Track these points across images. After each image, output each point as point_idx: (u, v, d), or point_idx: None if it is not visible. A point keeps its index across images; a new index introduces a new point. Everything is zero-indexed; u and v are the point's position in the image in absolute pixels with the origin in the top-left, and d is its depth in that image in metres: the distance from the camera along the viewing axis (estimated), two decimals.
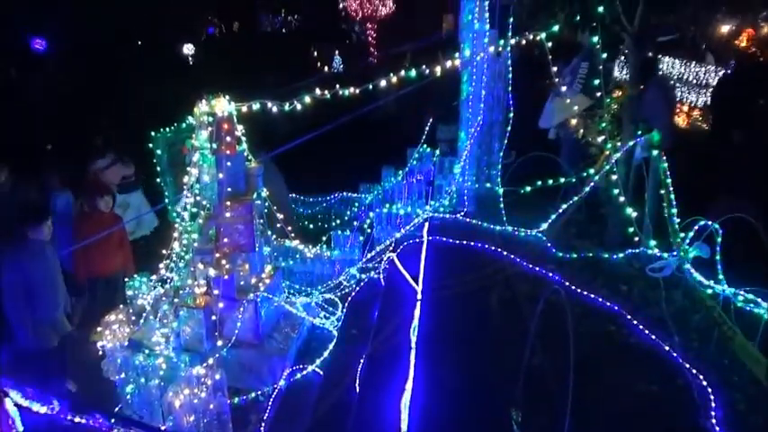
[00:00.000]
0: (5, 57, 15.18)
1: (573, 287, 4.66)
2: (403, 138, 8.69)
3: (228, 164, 4.86)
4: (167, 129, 7.48)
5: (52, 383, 4.99)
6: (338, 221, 7.94)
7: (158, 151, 7.41)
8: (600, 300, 4.58)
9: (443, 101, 8.67)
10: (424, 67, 5.30)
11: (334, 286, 6.08)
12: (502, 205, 6.20)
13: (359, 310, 5.62)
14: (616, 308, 4.48)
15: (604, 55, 5.48)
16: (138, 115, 8.77)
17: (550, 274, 4.94)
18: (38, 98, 13.31)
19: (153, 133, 7.29)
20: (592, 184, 5.48)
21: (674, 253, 4.77)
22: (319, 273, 6.62)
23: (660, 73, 6.45)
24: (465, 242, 5.71)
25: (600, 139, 5.76)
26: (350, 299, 5.82)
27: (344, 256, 6.65)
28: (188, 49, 22.83)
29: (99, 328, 5.10)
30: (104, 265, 6.17)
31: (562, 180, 5.81)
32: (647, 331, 4.13)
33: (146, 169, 7.71)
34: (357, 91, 5.21)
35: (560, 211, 5.63)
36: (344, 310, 5.75)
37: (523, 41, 5.50)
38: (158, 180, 7.59)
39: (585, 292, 4.64)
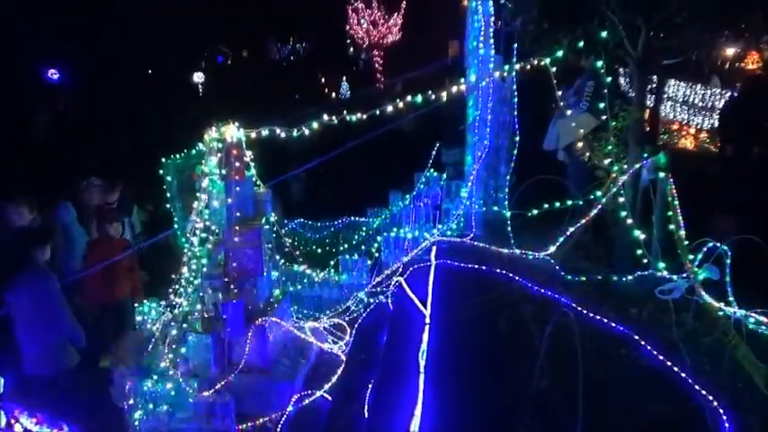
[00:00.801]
0: (20, 87, 15.45)
1: (582, 309, 4.63)
2: (410, 162, 8.76)
3: (237, 189, 4.92)
4: (177, 155, 7.60)
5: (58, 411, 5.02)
6: (346, 246, 7.95)
7: (168, 177, 7.50)
8: (609, 322, 4.55)
9: (449, 125, 8.75)
10: (429, 92, 5.38)
11: (342, 311, 6.07)
12: (509, 228, 6.20)
13: (367, 335, 5.60)
14: (626, 330, 4.44)
15: (609, 79, 5.55)
16: (149, 142, 8.92)
17: (559, 297, 4.92)
18: (52, 126, 13.53)
19: (163, 159, 7.39)
20: (599, 206, 5.48)
21: (684, 275, 4.74)
22: (327, 297, 6.62)
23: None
24: (473, 265, 5.71)
25: (606, 161, 5.78)
26: (358, 323, 5.81)
27: (352, 281, 6.66)
28: (198, 77, 23.23)
29: (108, 354, 5.12)
30: (113, 290, 6.20)
31: (569, 203, 5.81)
32: (657, 354, 4.09)
33: (148, 199, 7.76)
34: (364, 116, 5.30)
35: (568, 233, 5.63)
36: (352, 335, 5.73)
37: (528, 66, 5.57)
38: (168, 206, 7.66)
39: (594, 315, 4.60)
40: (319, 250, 8.00)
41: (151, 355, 5.15)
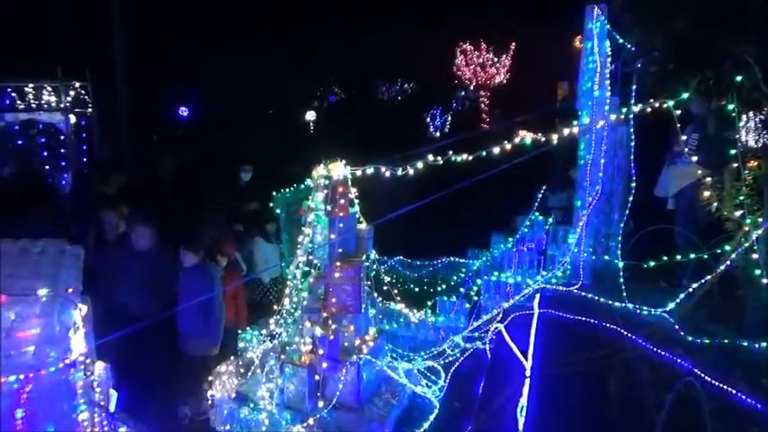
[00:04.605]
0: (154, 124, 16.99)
1: (706, 377, 4.15)
2: (514, 204, 8.53)
3: (341, 225, 5.00)
4: (287, 190, 7.95)
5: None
6: (444, 287, 7.81)
7: (278, 210, 7.85)
8: (739, 394, 4.03)
9: (556, 168, 8.45)
10: (539, 134, 5.21)
11: (437, 354, 5.91)
12: (622, 280, 5.77)
13: (462, 382, 5.40)
14: (759, 405, 3.91)
15: (741, 123, 5.08)
16: (266, 176, 9.39)
17: (679, 361, 4.45)
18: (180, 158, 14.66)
19: (274, 193, 7.77)
20: (728, 262, 4.96)
21: None
22: (423, 339, 6.50)
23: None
24: (580, 318, 5.35)
25: (738, 213, 5.23)
26: (453, 369, 5.61)
27: (449, 323, 6.50)
28: (310, 115, 24.44)
29: (210, 378, 5.31)
30: None
31: (692, 256, 5.31)
32: None
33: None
34: (470, 158, 5.22)
35: (691, 290, 5.13)
36: (447, 380, 5.54)
37: (648, 109, 5.24)
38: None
39: (721, 385, 4.10)
40: (417, 289, 7.92)
41: (250, 382, 5.29)
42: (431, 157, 5.03)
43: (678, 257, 5.45)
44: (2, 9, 14.30)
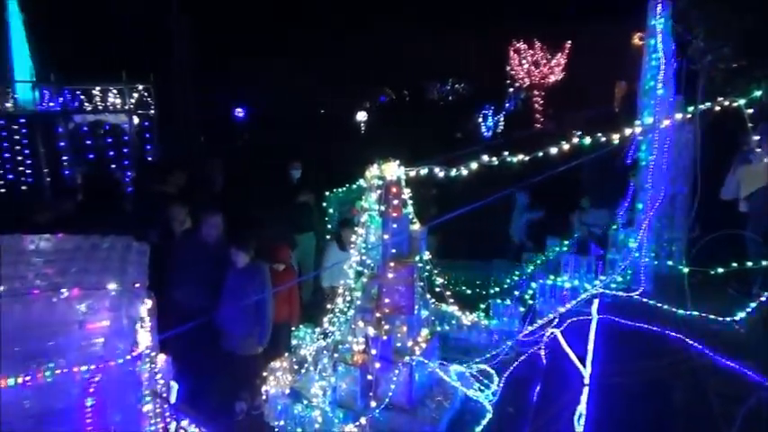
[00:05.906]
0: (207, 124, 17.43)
1: None
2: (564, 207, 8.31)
3: (394, 226, 4.99)
4: (340, 189, 8.01)
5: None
6: (497, 289, 7.68)
7: (331, 210, 7.93)
8: None
9: (599, 176, 7.92)
10: (599, 134, 5.05)
11: (490, 357, 5.82)
12: (687, 286, 5.52)
13: (516, 387, 5.29)
14: None
15: None
16: (318, 175, 9.47)
17: (749, 373, 4.22)
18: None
19: (327, 193, 7.84)
20: None
21: None
22: (475, 341, 6.41)
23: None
24: (641, 325, 5.15)
25: None
26: (507, 373, 5.51)
27: (503, 327, 6.38)
28: (361, 116, 24.61)
29: (265, 374, 5.41)
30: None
31: (765, 263, 5.03)
32: None
33: None
34: (526, 158, 5.13)
35: (763, 298, 4.86)
36: (501, 385, 5.44)
37: (717, 108, 5.00)
38: (328, 237, 8.06)
39: None
40: (469, 291, 7.82)
41: (303, 379, 5.36)
42: (485, 158, 4.97)
43: (749, 264, 5.17)
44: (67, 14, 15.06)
